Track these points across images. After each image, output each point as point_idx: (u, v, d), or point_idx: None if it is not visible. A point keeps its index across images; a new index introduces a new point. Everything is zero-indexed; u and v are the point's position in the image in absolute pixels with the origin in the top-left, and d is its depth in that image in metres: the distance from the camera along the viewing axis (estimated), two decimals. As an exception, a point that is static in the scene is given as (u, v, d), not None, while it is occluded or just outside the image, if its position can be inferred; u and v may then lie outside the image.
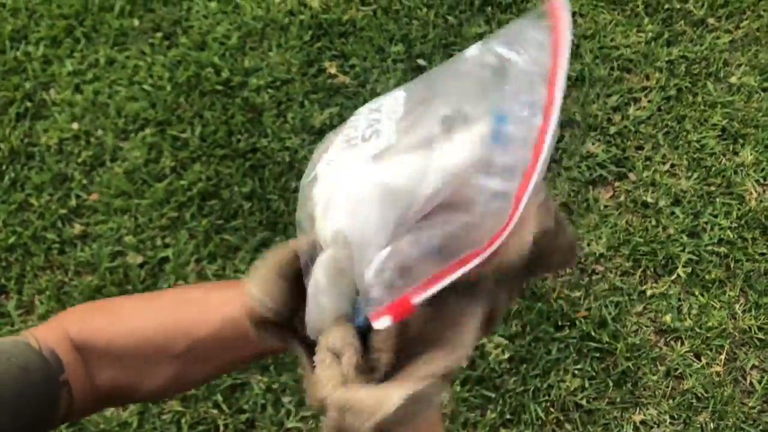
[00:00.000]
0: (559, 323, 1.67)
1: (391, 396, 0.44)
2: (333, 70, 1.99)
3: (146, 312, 0.61)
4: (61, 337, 0.57)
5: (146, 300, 0.65)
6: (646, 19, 2.08)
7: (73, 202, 1.81)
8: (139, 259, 1.74)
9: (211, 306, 0.60)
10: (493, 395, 1.60)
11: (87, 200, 1.82)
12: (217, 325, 0.58)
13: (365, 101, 2.07)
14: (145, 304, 0.64)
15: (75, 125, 1.91)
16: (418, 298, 0.46)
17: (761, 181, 1.86)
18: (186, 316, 0.60)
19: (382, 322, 0.45)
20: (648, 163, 1.88)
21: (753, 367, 1.65)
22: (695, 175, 1.85)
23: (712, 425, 1.59)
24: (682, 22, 2.09)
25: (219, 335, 0.58)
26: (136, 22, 2.06)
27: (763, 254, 1.77)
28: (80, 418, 0.58)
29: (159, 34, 2.04)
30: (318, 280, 0.49)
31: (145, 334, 0.58)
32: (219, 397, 1.58)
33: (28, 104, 1.94)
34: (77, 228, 1.78)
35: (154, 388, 0.59)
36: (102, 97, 1.95)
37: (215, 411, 1.57)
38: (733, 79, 2.00)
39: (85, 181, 1.84)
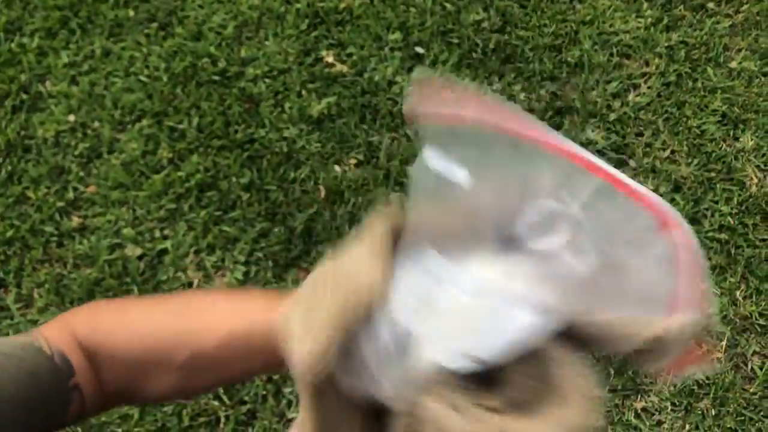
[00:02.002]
0: (560, 311, 1.67)
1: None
2: (330, 59, 1.98)
3: (152, 318, 0.60)
4: (71, 339, 0.57)
5: (153, 305, 0.64)
6: (645, 5, 2.07)
7: (70, 195, 1.80)
8: (138, 252, 1.73)
9: (218, 316, 0.58)
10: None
11: (85, 192, 1.81)
12: (222, 338, 0.56)
13: (363, 90, 2.05)
14: (152, 309, 0.62)
15: (71, 117, 1.90)
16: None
17: (762, 166, 1.85)
18: (191, 325, 0.58)
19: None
20: (648, 149, 1.87)
21: (754, 353, 1.65)
22: (695, 162, 1.84)
23: (713, 411, 1.59)
24: (682, 6, 2.07)
25: (224, 347, 0.57)
26: (131, 13, 2.04)
27: (763, 240, 1.76)
28: (90, 417, 0.57)
29: (154, 25, 2.03)
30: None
31: (148, 342, 0.57)
32: (220, 389, 1.58)
33: (24, 96, 1.93)
34: (75, 221, 1.78)
35: (156, 394, 0.58)
36: (98, 89, 1.94)
37: (216, 402, 1.57)
38: (733, 64, 1.98)
39: (82, 174, 1.83)
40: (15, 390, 0.50)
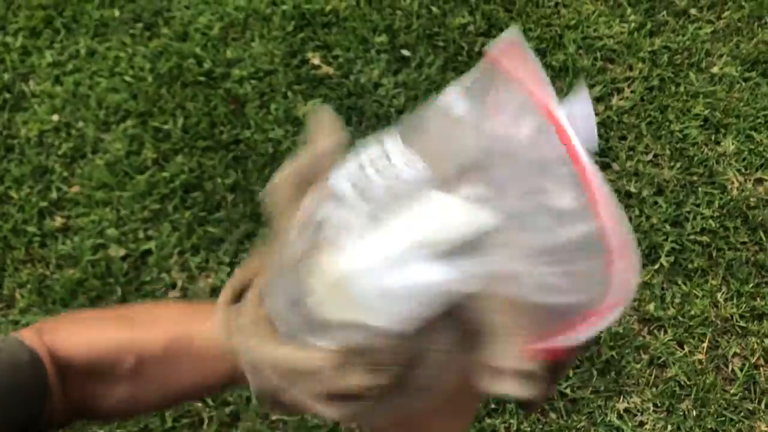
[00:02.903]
0: (544, 313, 1.68)
1: None
2: (316, 61, 1.98)
3: (104, 326, 0.61)
4: (42, 344, 0.57)
5: (108, 314, 0.65)
6: (629, 10, 2.09)
7: (54, 195, 1.79)
8: (122, 252, 1.72)
9: (162, 323, 0.60)
10: (478, 385, 1.60)
11: (68, 193, 1.80)
12: (162, 344, 0.58)
13: (349, 92, 2.04)
14: (106, 317, 0.64)
15: (55, 117, 1.89)
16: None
17: (743, 170, 1.87)
18: (137, 333, 0.59)
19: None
20: (631, 153, 1.88)
21: (734, 354, 1.67)
22: (678, 165, 1.86)
23: (694, 412, 1.60)
24: (665, 12, 2.10)
25: (165, 355, 0.58)
26: (116, 13, 2.04)
27: (744, 243, 1.78)
28: (58, 430, 0.57)
29: (140, 25, 2.02)
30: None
31: (99, 348, 0.58)
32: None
33: (7, 96, 1.92)
34: (58, 221, 1.76)
35: (112, 405, 0.59)
36: (82, 89, 1.93)
37: (200, 404, 1.57)
38: (714, 69, 2.01)
39: (66, 174, 1.82)
40: None
